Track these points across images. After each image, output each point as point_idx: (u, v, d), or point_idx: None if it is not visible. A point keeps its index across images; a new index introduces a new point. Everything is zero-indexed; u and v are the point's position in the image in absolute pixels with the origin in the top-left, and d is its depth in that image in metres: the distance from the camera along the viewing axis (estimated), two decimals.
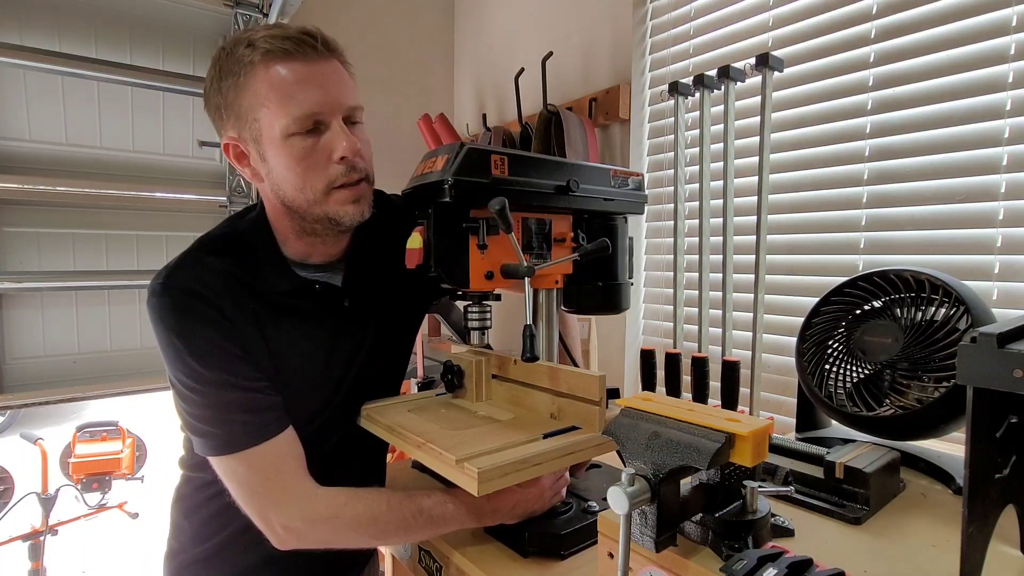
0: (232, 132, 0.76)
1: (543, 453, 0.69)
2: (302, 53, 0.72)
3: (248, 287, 0.77)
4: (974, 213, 1.05)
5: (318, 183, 0.75)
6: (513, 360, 0.89)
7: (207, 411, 0.73)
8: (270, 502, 0.74)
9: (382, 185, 0.87)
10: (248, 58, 0.71)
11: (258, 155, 0.75)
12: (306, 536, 0.74)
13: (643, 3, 1.63)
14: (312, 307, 0.82)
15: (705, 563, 0.52)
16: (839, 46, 1.21)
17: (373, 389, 0.91)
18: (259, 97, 0.71)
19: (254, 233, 0.81)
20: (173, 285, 0.73)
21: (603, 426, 0.74)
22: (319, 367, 0.82)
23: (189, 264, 0.76)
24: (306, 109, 0.72)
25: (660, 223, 1.63)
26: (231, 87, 0.73)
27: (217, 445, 0.73)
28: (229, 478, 0.75)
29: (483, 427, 0.80)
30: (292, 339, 0.80)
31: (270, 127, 0.72)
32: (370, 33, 2.23)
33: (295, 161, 0.73)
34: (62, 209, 1.63)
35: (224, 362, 0.73)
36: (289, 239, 0.82)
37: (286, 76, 0.71)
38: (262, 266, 0.79)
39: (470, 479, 0.65)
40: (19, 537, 2.31)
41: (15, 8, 1.53)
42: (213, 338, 0.73)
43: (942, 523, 0.68)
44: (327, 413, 0.84)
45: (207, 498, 0.83)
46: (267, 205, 0.82)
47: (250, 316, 0.76)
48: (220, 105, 0.75)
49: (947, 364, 0.73)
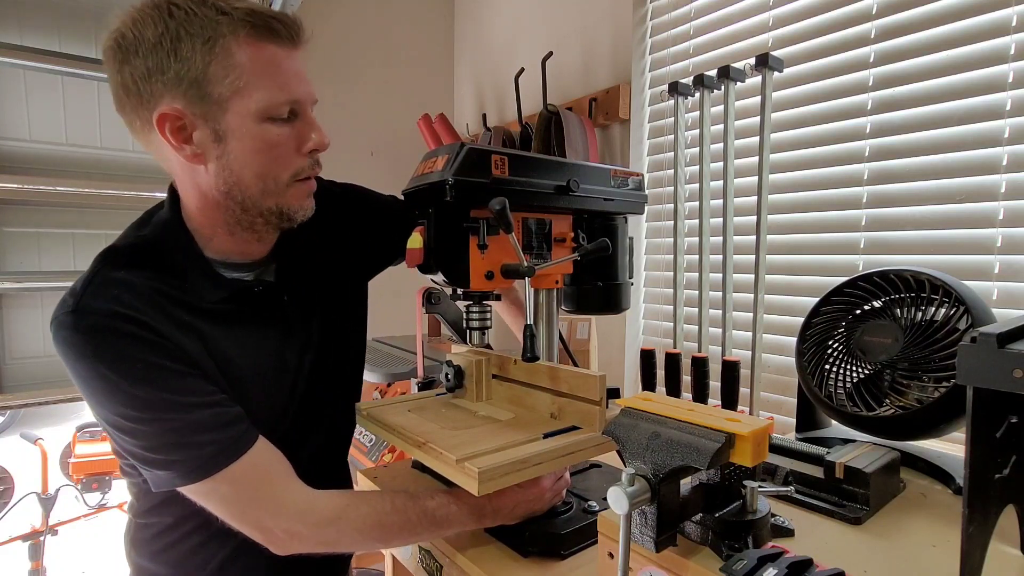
0: (174, 102, 0.65)
1: (543, 453, 0.69)
2: (288, 38, 0.68)
3: (175, 299, 0.69)
4: (974, 213, 1.05)
5: (283, 173, 0.71)
6: (513, 360, 0.89)
7: (166, 438, 0.66)
8: (266, 513, 0.69)
9: (382, 185, 0.87)
10: (227, 25, 0.64)
11: (211, 133, 0.67)
12: (310, 540, 0.71)
13: (643, 3, 1.63)
14: (251, 310, 0.76)
15: (705, 563, 0.52)
16: (839, 46, 1.21)
17: (332, 385, 0.86)
18: (237, 70, 0.65)
19: (166, 238, 0.73)
20: (88, 310, 0.64)
21: (603, 426, 0.74)
22: (271, 372, 0.77)
23: (100, 284, 0.66)
24: (290, 96, 0.68)
25: (660, 223, 1.63)
26: (193, 50, 0.63)
27: (189, 471, 0.66)
28: (212, 500, 0.69)
29: (483, 427, 0.79)
30: (238, 348, 0.74)
31: (244, 105, 0.66)
32: (370, 33, 2.23)
33: (266, 146, 0.68)
34: (62, 209, 1.63)
35: (173, 383, 0.66)
36: (216, 236, 0.74)
37: (273, 57, 0.67)
38: (187, 274, 0.71)
39: (470, 479, 0.65)
40: (19, 537, 2.31)
41: (15, 8, 1.53)
42: (152, 359, 0.65)
43: (942, 523, 0.68)
44: (288, 419, 0.79)
45: (177, 539, 0.77)
46: (192, 196, 0.72)
47: (187, 330, 0.69)
48: (159, 68, 0.64)
49: (947, 364, 0.73)
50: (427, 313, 1.09)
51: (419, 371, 1.49)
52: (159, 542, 0.78)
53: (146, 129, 0.68)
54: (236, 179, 0.69)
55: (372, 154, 2.21)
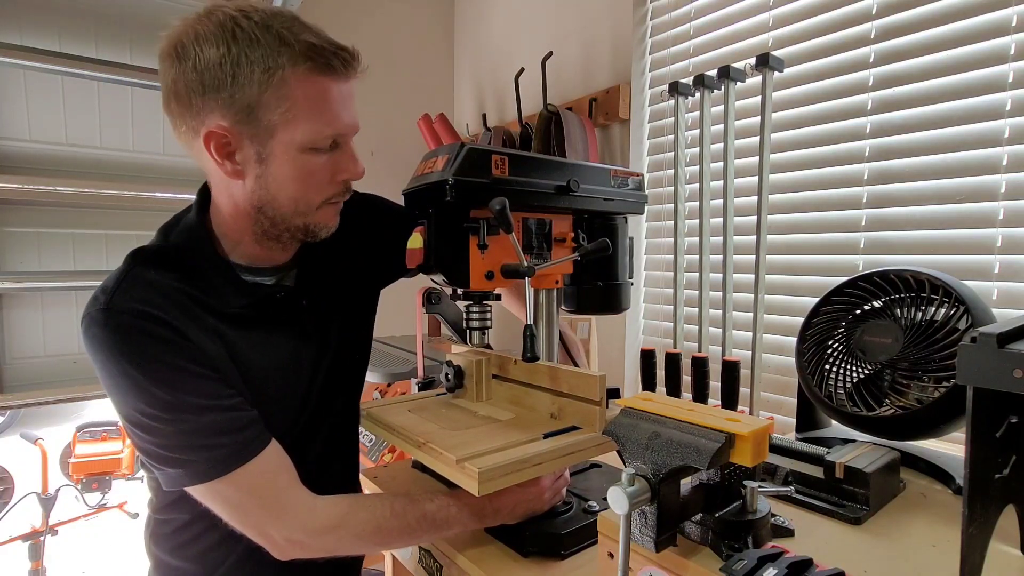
0: (223, 121, 0.67)
1: (543, 453, 0.69)
2: (343, 72, 0.70)
3: (201, 303, 0.71)
4: (974, 213, 1.05)
5: (316, 198, 0.73)
6: (513, 360, 0.89)
7: (182, 439, 0.67)
8: (268, 519, 0.70)
9: (382, 185, 0.87)
10: (287, 57, 0.66)
11: (255, 155, 0.69)
12: (310, 547, 0.71)
13: (643, 3, 1.63)
14: (273, 315, 0.78)
15: (705, 563, 0.52)
16: (839, 46, 1.21)
17: (342, 389, 0.87)
18: (289, 102, 0.67)
19: (192, 242, 0.74)
20: (119, 309, 0.66)
21: (603, 426, 0.74)
22: (289, 376, 0.79)
23: (130, 284, 0.68)
24: (336, 130, 0.71)
25: (660, 223, 1.63)
26: (251, 77, 0.65)
27: (199, 472, 0.68)
28: (218, 503, 0.70)
29: (483, 427, 0.80)
30: (259, 352, 0.75)
31: (290, 135, 0.68)
32: (370, 33, 2.23)
33: (305, 174, 0.71)
34: (62, 209, 1.63)
35: (193, 385, 0.67)
36: (243, 243, 0.76)
37: (326, 92, 0.69)
38: (211, 279, 0.73)
39: (470, 479, 0.65)
40: (19, 537, 2.31)
41: (15, 8, 1.53)
42: (176, 361, 0.67)
43: (942, 523, 0.68)
44: (303, 421, 0.81)
45: (194, 536, 0.78)
46: (224, 203, 0.75)
47: (211, 333, 0.71)
48: (215, 87, 0.65)
49: (947, 364, 0.73)
50: (427, 313, 1.09)
51: (419, 371, 1.49)
52: (177, 538, 0.79)
53: (190, 136, 0.70)
54: (271, 198, 0.72)
55: (372, 154, 2.21)
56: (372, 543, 0.74)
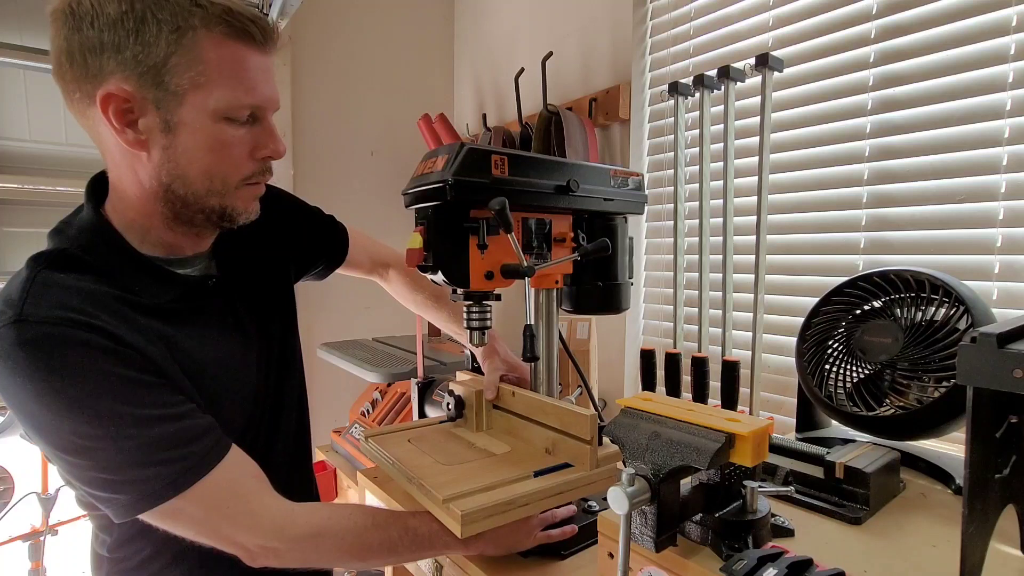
0: (125, 83, 0.60)
1: (530, 494, 0.70)
2: (261, 42, 0.66)
3: (128, 302, 0.64)
4: (974, 213, 1.05)
5: (232, 175, 0.68)
6: (511, 392, 0.90)
7: (130, 457, 0.59)
8: (237, 530, 0.64)
9: (382, 185, 0.86)
10: (200, 18, 0.61)
11: (161, 123, 0.63)
12: (286, 556, 0.66)
13: (643, 3, 1.63)
14: (205, 307, 0.73)
15: (705, 563, 0.52)
16: (839, 46, 1.21)
17: (288, 385, 0.84)
18: (202, 65, 0.62)
19: (95, 240, 0.67)
20: (36, 319, 0.57)
21: (595, 464, 0.76)
22: (237, 370, 0.74)
23: (41, 289, 0.59)
24: (254, 100, 0.66)
25: (660, 223, 1.63)
26: (159, 37, 0.60)
27: (154, 493, 0.60)
28: (180, 522, 0.63)
29: (477, 462, 0.80)
30: (199, 347, 0.69)
31: (202, 100, 0.63)
32: (370, 33, 2.23)
33: (219, 145, 0.65)
34: (62, 209, 1.62)
35: (138, 395, 0.60)
36: (152, 229, 0.70)
37: (243, 60, 0.64)
38: (130, 274, 0.66)
39: (454, 520, 0.65)
40: (19, 537, 2.31)
41: (15, 8, 1.53)
42: (114, 370, 0.59)
43: (942, 523, 0.68)
44: (255, 422, 0.77)
45: (162, 568, 0.72)
46: (128, 184, 0.67)
47: (147, 334, 0.63)
48: (115, 46, 0.59)
49: (947, 364, 0.73)
50: None
51: (419, 371, 1.49)
52: (144, 572, 0.72)
53: (84, 104, 0.63)
54: (180, 173, 0.66)
55: (372, 154, 2.21)
56: (352, 555, 0.70)
